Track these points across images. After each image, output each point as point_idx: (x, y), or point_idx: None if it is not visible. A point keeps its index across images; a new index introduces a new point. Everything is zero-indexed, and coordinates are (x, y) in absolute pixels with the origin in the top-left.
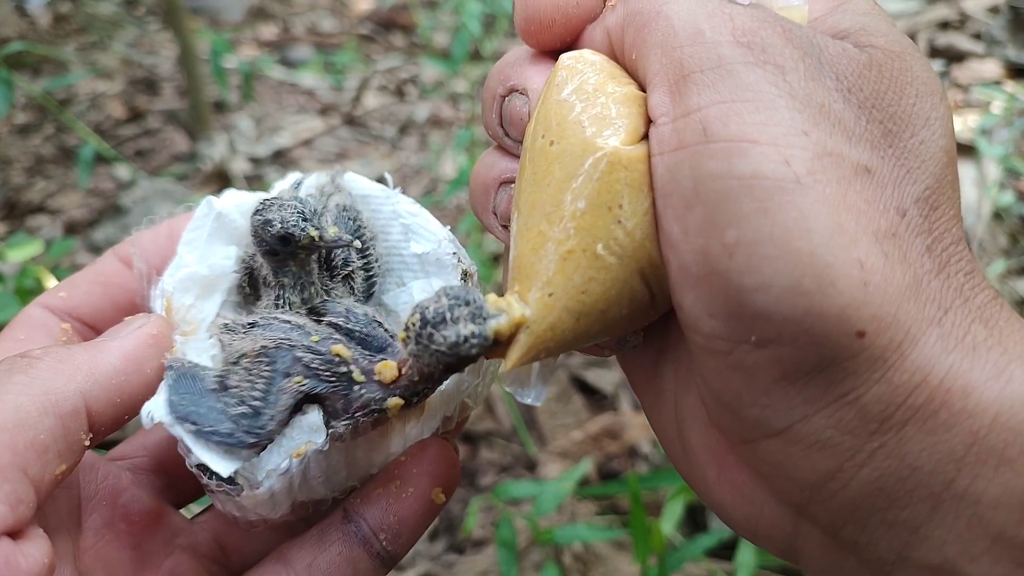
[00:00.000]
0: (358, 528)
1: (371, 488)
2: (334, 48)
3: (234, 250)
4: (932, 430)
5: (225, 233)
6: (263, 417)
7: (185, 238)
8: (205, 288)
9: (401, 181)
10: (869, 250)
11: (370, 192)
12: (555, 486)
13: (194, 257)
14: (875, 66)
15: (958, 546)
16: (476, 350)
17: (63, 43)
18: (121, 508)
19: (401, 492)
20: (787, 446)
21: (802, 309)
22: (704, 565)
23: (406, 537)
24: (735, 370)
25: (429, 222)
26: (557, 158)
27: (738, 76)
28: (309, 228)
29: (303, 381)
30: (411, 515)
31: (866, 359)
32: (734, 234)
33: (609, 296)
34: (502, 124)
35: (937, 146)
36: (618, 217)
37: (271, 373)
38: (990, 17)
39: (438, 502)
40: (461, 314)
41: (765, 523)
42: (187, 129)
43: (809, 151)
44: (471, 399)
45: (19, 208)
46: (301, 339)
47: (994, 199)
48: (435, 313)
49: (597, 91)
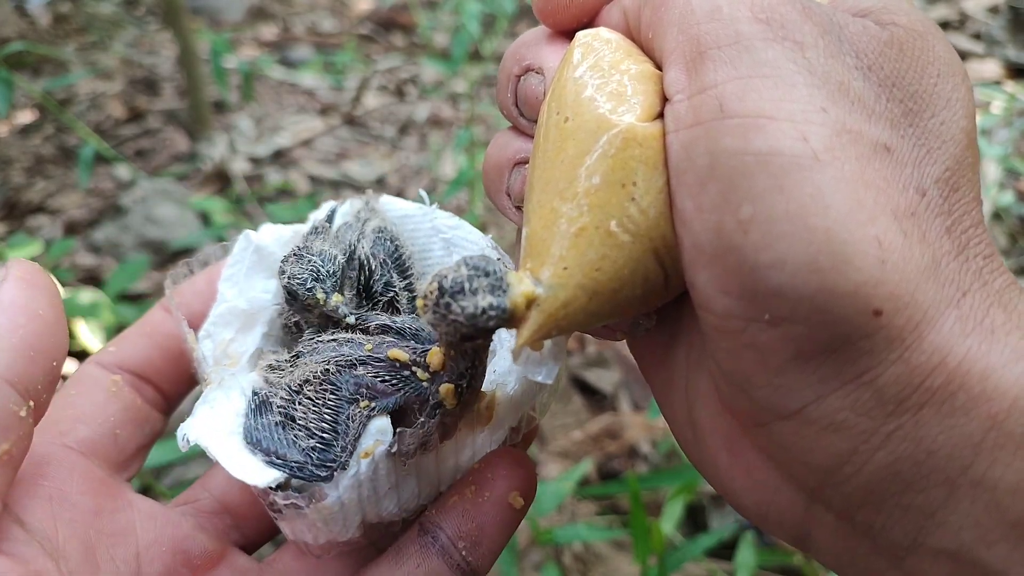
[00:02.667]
0: (435, 538)
1: (446, 497)
2: (334, 48)
3: (274, 283)
4: (949, 413)
5: (264, 266)
6: (335, 449)
7: (225, 274)
8: (245, 322)
9: (401, 181)
10: (887, 228)
11: (407, 212)
12: (555, 486)
13: (234, 292)
14: (896, 44)
15: (975, 532)
16: (494, 322)
17: (63, 43)
18: (182, 554)
19: (477, 497)
20: (801, 428)
21: (816, 286)
22: (704, 565)
23: (487, 545)
24: (748, 349)
25: (470, 233)
26: (571, 134)
27: (756, 52)
28: (316, 290)
29: (371, 404)
30: (490, 521)
31: (883, 338)
32: (749, 210)
33: (622, 275)
34: (517, 104)
35: (958, 127)
36: (632, 194)
37: (336, 400)
38: (990, 17)
39: (517, 506)
40: (480, 285)
41: (777, 509)
42: (187, 129)
43: (828, 128)
44: (536, 410)
45: (19, 208)
46: (355, 351)
47: (994, 199)
48: (453, 283)
49: (612, 68)
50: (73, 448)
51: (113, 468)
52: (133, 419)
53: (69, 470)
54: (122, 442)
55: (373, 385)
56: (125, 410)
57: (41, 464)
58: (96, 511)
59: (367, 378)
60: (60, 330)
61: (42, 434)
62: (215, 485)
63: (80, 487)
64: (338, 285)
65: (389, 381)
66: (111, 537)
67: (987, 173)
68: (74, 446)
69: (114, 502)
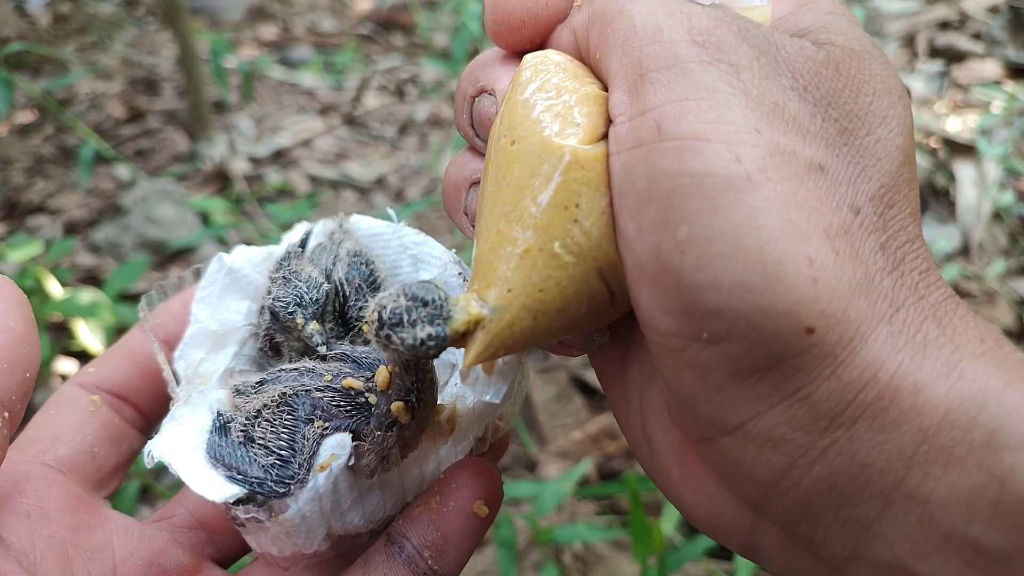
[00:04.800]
0: (402, 548)
1: (412, 508)
2: (334, 48)
3: (246, 304)
4: (882, 427)
5: (237, 288)
6: (292, 466)
7: (198, 296)
8: (216, 342)
9: (401, 181)
10: (819, 247)
11: (377, 231)
12: (555, 486)
13: (206, 313)
14: (832, 64)
15: (908, 544)
16: (434, 351)
17: (63, 43)
18: (158, 567)
19: (442, 507)
20: (742, 443)
21: (751, 306)
22: (704, 565)
23: (452, 554)
24: (690, 367)
25: (434, 248)
26: (517, 157)
27: (693, 75)
28: (297, 315)
29: (324, 425)
30: (455, 530)
31: (815, 355)
32: (685, 231)
33: (567, 294)
34: (472, 125)
35: (893, 144)
36: (575, 216)
37: (293, 421)
38: (990, 17)
39: (481, 515)
40: (420, 315)
41: (726, 521)
42: (187, 129)
43: (761, 148)
44: (502, 420)
45: (19, 208)
46: (314, 382)
47: (994, 199)
48: (392, 314)
49: (559, 91)
50: (52, 466)
51: (91, 485)
52: (111, 437)
53: (47, 487)
54: (100, 460)
55: (328, 409)
56: (103, 429)
57: (20, 481)
58: (74, 527)
59: (323, 401)
60: (32, 342)
61: (21, 452)
62: (191, 501)
63: (58, 504)
64: (319, 312)
65: (344, 407)
66: (88, 552)
67: (987, 173)
68: (53, 464)
69: (91, 518)
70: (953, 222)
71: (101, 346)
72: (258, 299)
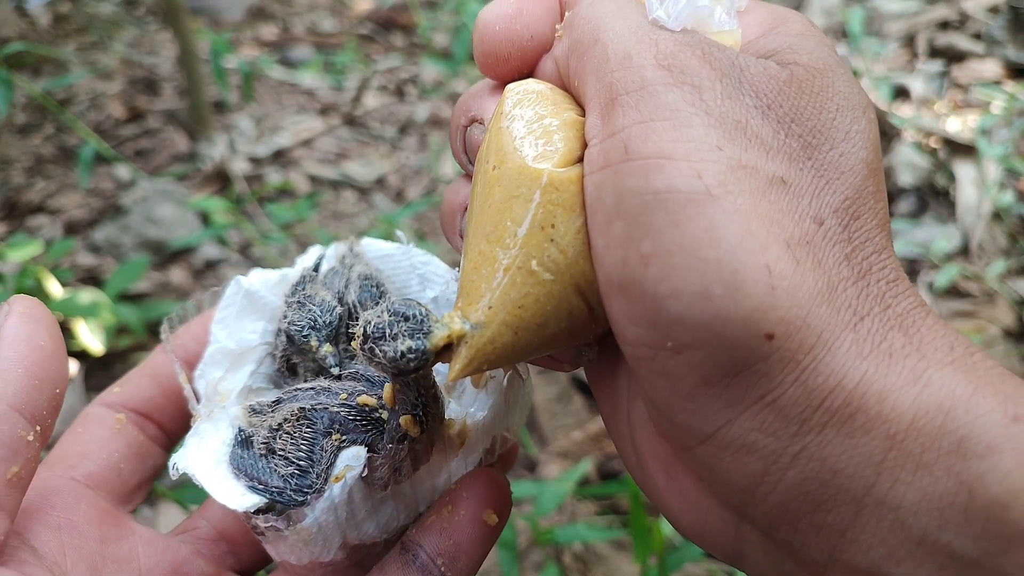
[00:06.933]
0: (415, 557)
1: (425, 517)
2: (334, 48)
3: (262, 324)
4: (850, 433)
5: (254, 309)
6: (310, 476)
7: (217, 317)
8: (234, 361)
9: (401, 181)
10: (779, 256)
11: (387, 252)
12: (555, 486)
13: (224, 334)
14: (796, 82)
15: (883, 550)
16: (415, 364)
17: (63, 43)
18: None
19: (454, 516)
20: (718, 451)
21: (711, 314)
22: (704, 565)
23: (464, 561)
24: (661, 376)
25: (438, 267)
26: (498, 181)
27: (658, 97)
28: (311, 338)
29: (342, 438)
30: (466, 538)
31: (777, 361)
32: (649, 245)
33: (546, 310)
34: (465, 152)
35: (857, 158)
36: (551, 236)
37: (312, 433)
38: (990, 17)
39: (491, 523)
40: (400, 330)
41: (711, 529)
42: (187, 129)
43: (722, 164)
44: (509, 431)
45: (19, 208)
46: (330, 400)
47: (994, 199)
48: (376, 328)
49: (539, 117)
50: (80, 481)
51: (117, 500)
52: (136, 454)
53: (76, 501)
54: (125, 476)
55: (345, 423)
56: (128, 446)
57: (50, 495)
58: (101, 539)
59: (340, 416)
60: (61, 359)
61: (51, 468)
62: (212, 514)
63: (86, 517)
64: (332, 335)
65: (360, 422)
66: (115, 563)
67: (987, 173)
68: (81, 479)
69: (118, 531)
70: (953, 222)
71: (101, 346)
72: (274, 319)
